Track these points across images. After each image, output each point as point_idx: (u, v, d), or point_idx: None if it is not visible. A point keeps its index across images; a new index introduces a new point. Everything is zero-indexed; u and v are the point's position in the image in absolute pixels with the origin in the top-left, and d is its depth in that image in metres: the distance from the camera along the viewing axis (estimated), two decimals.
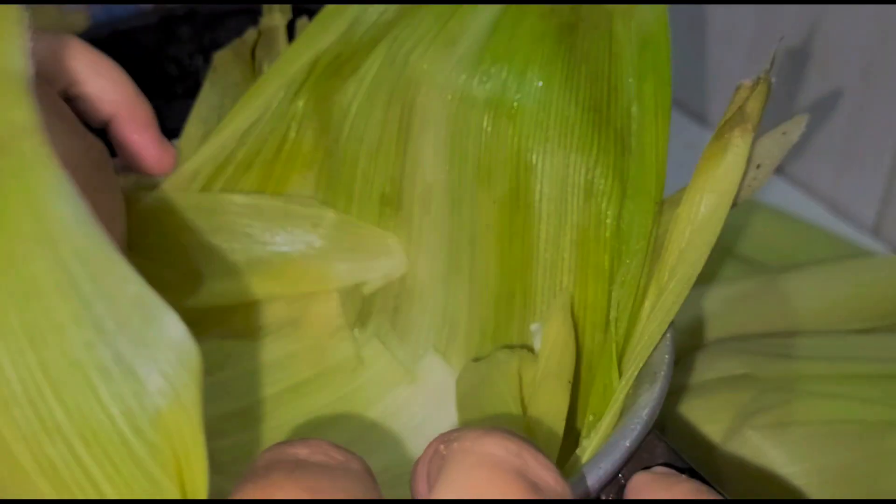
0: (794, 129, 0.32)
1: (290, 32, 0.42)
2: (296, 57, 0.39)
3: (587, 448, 0.30)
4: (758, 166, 0.32)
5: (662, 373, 0.30)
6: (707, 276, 0.54)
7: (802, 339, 0.47)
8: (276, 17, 0.41)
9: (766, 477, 0.41)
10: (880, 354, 0.46)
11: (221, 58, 0.42)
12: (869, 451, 0.42)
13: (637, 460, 0.28)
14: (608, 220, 0.34)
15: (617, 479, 0.28)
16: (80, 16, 0.68)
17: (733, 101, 0.32)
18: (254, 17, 0.43)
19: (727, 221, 0.31)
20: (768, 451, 0.41)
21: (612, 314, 0.34)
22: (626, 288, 0.33)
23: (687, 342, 0.48)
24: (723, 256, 0.56)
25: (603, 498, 0.29)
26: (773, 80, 0.31)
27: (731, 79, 0.67)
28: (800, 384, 0.43)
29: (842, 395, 0.43)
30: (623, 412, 0.30)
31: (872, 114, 0.59)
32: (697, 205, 0.31)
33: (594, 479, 0.27)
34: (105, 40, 0.60)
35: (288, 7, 0.41)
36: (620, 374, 0.31)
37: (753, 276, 0.54)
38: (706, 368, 0.45)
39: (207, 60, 0.62)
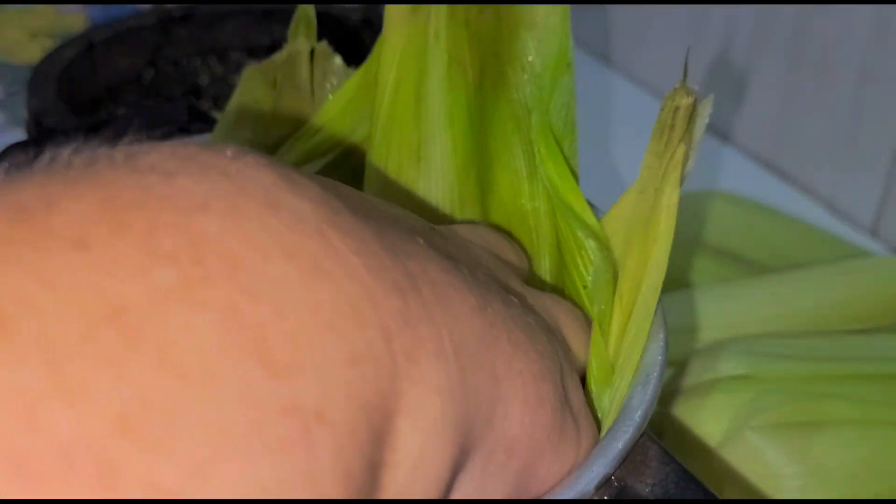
0: (703, 110, 0.31)
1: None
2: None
3: None
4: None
5: (655, 374, 0.30)
6: (704, 277, 0.54)
7: (801, 340, 0.47)
8: (300, 43, 0.40)
9: (765, 478, 0.41)
10: (880, 354, 0.46)
11: (249, 74, 0.41)
12: (869, 451, 0.42)
13: (630, 462, 0.28)
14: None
15: (610, 482, 0.28)
16: (77, 17, 0.68)
17: (660, 119, 0.31)
18: (251, 18, 0.42)
19: (726, 221, 0.31)
20: (768, 452, 0.41)
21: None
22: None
23: (685, 343, 0.48)
24: (720, 257, 0.56)
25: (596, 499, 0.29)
26: (696, 88, 0.30)
27: (727, 79, 0.67)
28: (799, 385, 0.43)
29: (842, 395, 0.43)
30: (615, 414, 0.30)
31: (870, 114, 0.59)
32: (643, 243, 0.31)
33: (586, 481, 0.27)
34: (103, 41, 0.60)
35: (313, 32, 0.40)
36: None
37: (751, 276, 0.54)
38: (704, 369, 0.45)
39: (205, 62, 0.63)
